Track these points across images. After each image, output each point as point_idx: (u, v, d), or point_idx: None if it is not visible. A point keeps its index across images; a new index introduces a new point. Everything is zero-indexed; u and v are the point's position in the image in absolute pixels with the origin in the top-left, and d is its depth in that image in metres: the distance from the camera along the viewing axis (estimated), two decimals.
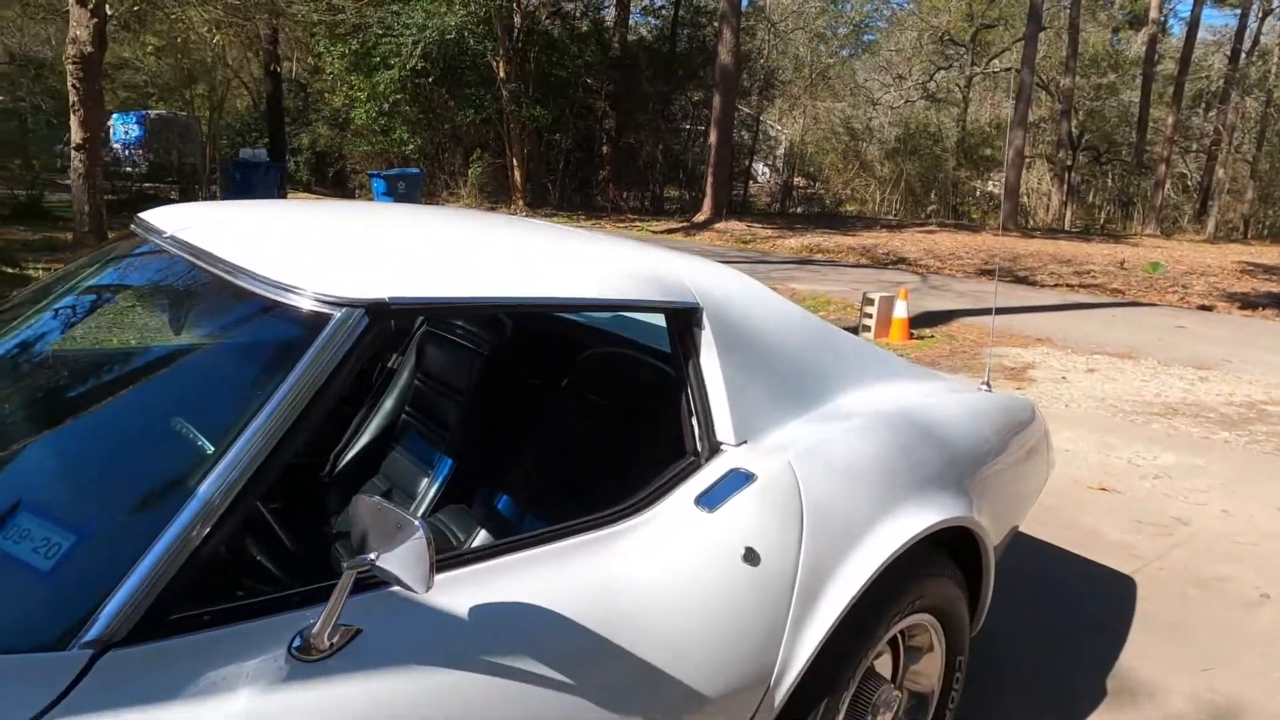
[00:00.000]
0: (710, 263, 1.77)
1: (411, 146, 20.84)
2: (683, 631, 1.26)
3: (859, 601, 1.45)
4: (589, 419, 1.83)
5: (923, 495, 1.61)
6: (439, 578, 1.09)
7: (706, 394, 1.46)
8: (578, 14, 22.75)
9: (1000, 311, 8.86)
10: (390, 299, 1.12)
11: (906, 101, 28.52)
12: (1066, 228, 24.01)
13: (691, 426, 1.46)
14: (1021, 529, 3.40)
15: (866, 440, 1.58)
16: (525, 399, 2.02)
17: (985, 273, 12.51)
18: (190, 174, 15.80)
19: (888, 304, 7.23)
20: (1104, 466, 4.23)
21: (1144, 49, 25.00)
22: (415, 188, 13.46)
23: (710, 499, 1.36)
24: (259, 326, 1.17)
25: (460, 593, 1.09)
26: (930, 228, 20.24)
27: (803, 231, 17.38)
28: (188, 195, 14.39)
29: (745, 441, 1.46)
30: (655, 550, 1.29)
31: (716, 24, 19.47)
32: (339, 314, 1.09)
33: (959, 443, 1.78)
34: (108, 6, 8.79)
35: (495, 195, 20.80)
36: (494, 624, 1.10)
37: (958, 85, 28.50)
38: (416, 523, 0.91)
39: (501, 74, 19.15)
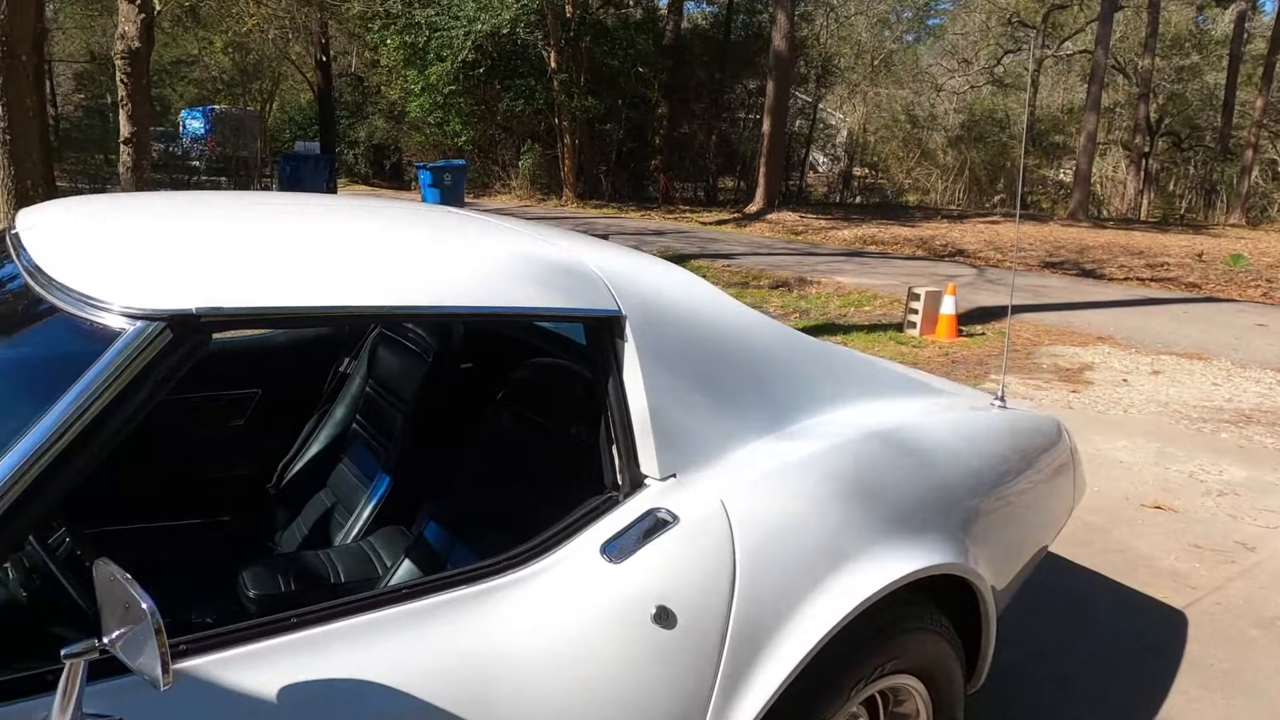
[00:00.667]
0: (646, 259, 1.53)
1: (465, 138, 20.93)
2: (568, 714, 1.04)
3: (809, 669, 1.21)
4: (521, 439, 1.62)
5: (898, 537, 1.36)
6: (248, 650, 0.90)
7: (629, 418, 1.24)
8: (631, 2, 22.52)
9: (1060, 307, 8.35)
10: (199, 309, 0.94)
11: (972, 87, 27.52)
12: (1142, 218, 22.84)
13: (611, 456, 1.24)
14: (1060, 552, 3.09)
15: (828, 470, 1.33)
16: (465, 412, 1.82)
17: (1049, 265, 11.89)
18: (248, 166, 16.13)
19: (934, 299, 6.85)
20: (1162, 481, 3.85)
21: (1232, 27, 23.55)
22: (460, 179, 13.43)
23: (618, 546, 1.14)
24: (57, 338, 1.00)
25: (269, 669, 0.90)
26: (994, 218, 19.44)
27: (858, 223, 16.85)
28: (241, 187, 14.66)
29: (673, 475, 1.24)
30: (542, 610, 1.07)
31: (771, 9, 18.99)
32: (134, 328, 0.91)
33: (950, 471, 1.52)
34: (156, 2, 8.90)
35: (547, 187, 20.77)
36: (314, 711, 0.91)
37: (1026, 69, 27.32)
38: (144, 605, 0.72)
39: (553, 64, 19.05)
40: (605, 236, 10.44)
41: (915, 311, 6.83)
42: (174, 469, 2.05)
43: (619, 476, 1.22)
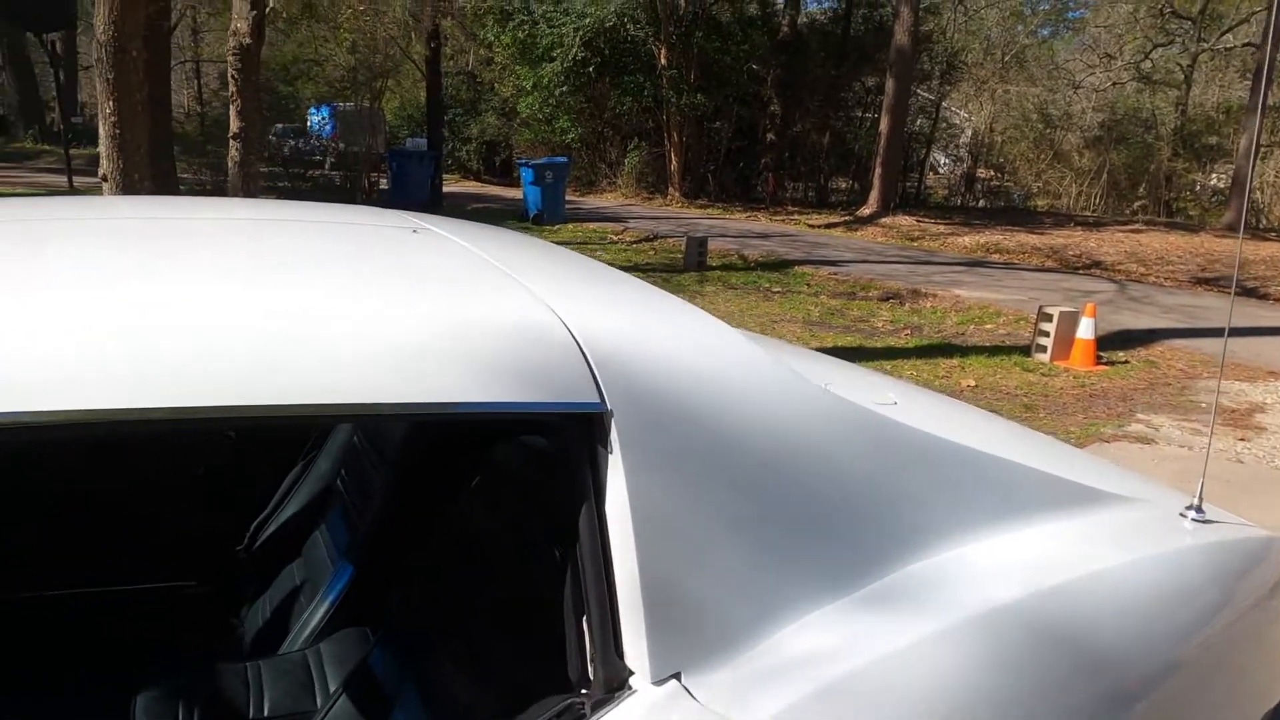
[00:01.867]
0: (662, 307, 1.09)
1: (573, 135, 20.85)
2: None
3: None
4: (493, 545, 1.19)
5: None
6: None
7: (608, 577, 0.78)
8: None
9: (1219, 333, 7.31)
10: None
11: (1114, 84, 25.45)
12: None
13: (579, 634, 0.79)
14: None
15: (937, 682, 0.84)
16: (443, 491, 1.40)
17: (1201, 281, 10.62)
18: (366, 162, 16.44)
19: (1069, 320, 6.05)
20: None
21: None
22: (562, 177, 13.21)
23: None
24: None
25: None
26: (1135, 226, 17.79)
27: (981, 228, 15.71)
28: (354, 183, 14.97)
29: (674, 676, 0.77)
30: None
31: (894, 3, 17.99)
32: None
33: (1133, 666, 0.98)
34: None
35: (653, 185, 20.41)
36: None
37: (1179, 64, 25.06)
38: None
39: (663, 61, 18.68)
40: (706, 239, 9.97)
41: (1046, 334, 6.05)
42: (130, 520, 1.72)
43: (589, 669, 0.77)
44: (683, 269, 9.47)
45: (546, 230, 12.22)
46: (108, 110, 6.76)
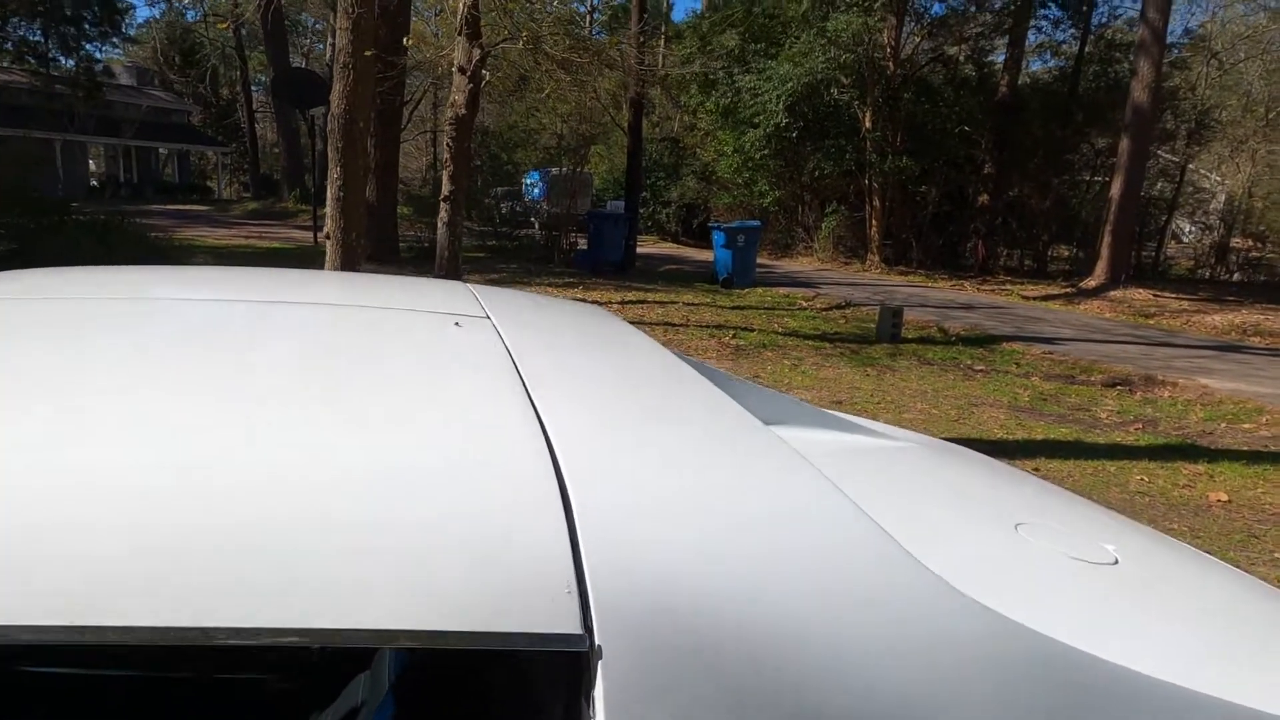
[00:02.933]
0: (744, 451, 0.83)
1: (770, 199, 20.75)
2: None
3: None
4: None
5: None
6: None
7: None
8: (963, 57, 20.95)
9: None
10: None
11: None
12: None
13: None
14: None
15: None
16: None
17: None
18: (566, 223, 17.20)
19: None
20: None
21: None
22: (754, 241, 13.01)
23: None
24: None
25: None
26: None
27: (1235, 306, 13.69)
28: (554, 243, 15.65)
29: None
30: None
31: (1133, 57, 16.43)
32: None
33: None
34: (485, 73, 9.65)
35: (851, 250, 19.78)
36: None
37: None
38: None
39: (867, 124, 18.20)
40: (901, 310, 9.36)
41: None
42: None
43: None
44: (874, 340, 8.89)
45: (735, 294, 12.04)
46: (335, 175, 7.40)
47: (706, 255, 15.65)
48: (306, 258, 11.95)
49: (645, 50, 14.79)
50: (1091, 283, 15.30)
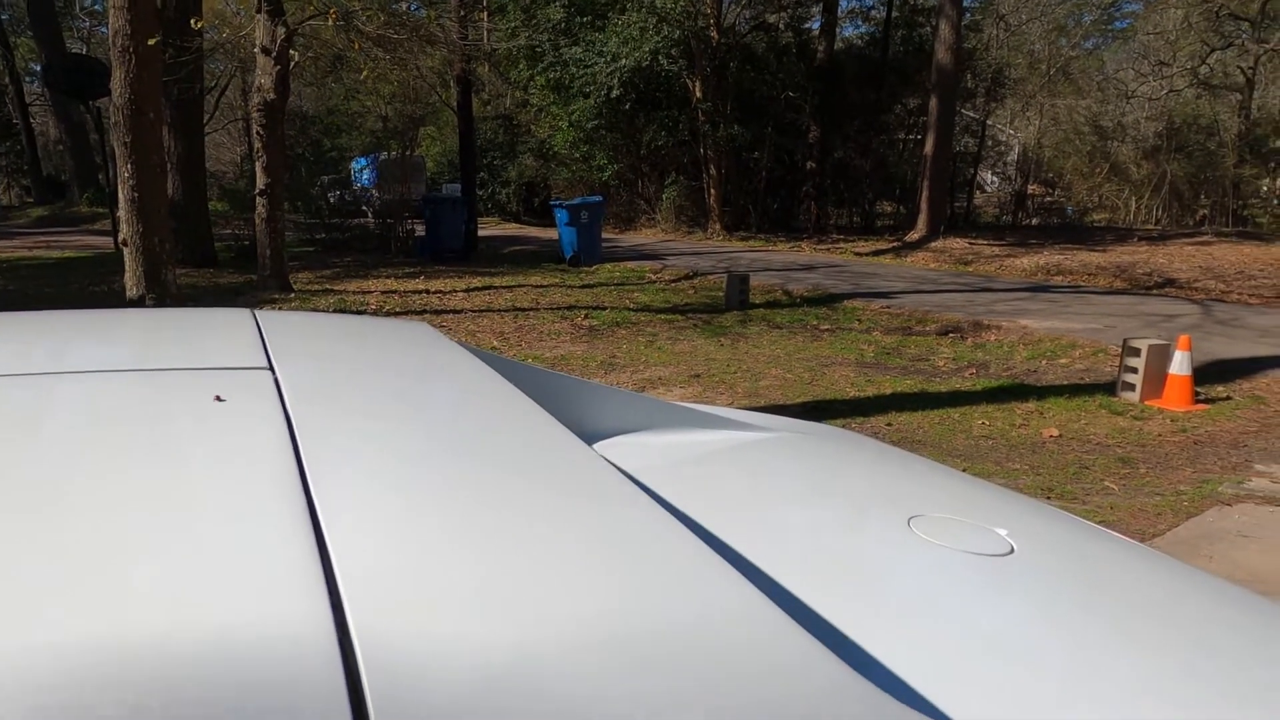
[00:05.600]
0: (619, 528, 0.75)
1: (609, 172, 20.69)
2: None
3: None
4: None
5: None
6: None
7: None
8: (782, 25, 21.58)
9: None
10: None
11: (1170, 91, 24.44)
12: None
13: None
14: None
15: None
16: None
17: None
18: (400, 210, 16.38)
19: (1159, 354, 5.40)
20: None
21: None
22: (598, 216, 12.88)
23: None
24: None
25: None
26: (1204, 238, 16.82)
27: (1038, 248, 14.95)
28: (389, 231, 14.86)
29: None
30: None
31: (934, 21, 17.50)
32: None
33: None
34: (293, 55, 8.90)
35: (693, 219, 20.08)
36: None
37: (1240, 67, 23.98)
38: None
39: (698, 94, 18.43)
40: (748, 275, 9.48)
41: (1134, 370, 5.41)
42: None
43: None
44: (724, 308, 9.00)
45: (584, 272, 11.89)
46: (126, 174, 6.59)
47: (551, 234, 15.39)
48: (105, 266, 10.70)
49: (467, 24, 14.23)
50: (914, 235, 16.27)
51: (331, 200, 17.17)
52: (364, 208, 18.44)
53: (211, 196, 14.51)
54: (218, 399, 0.94)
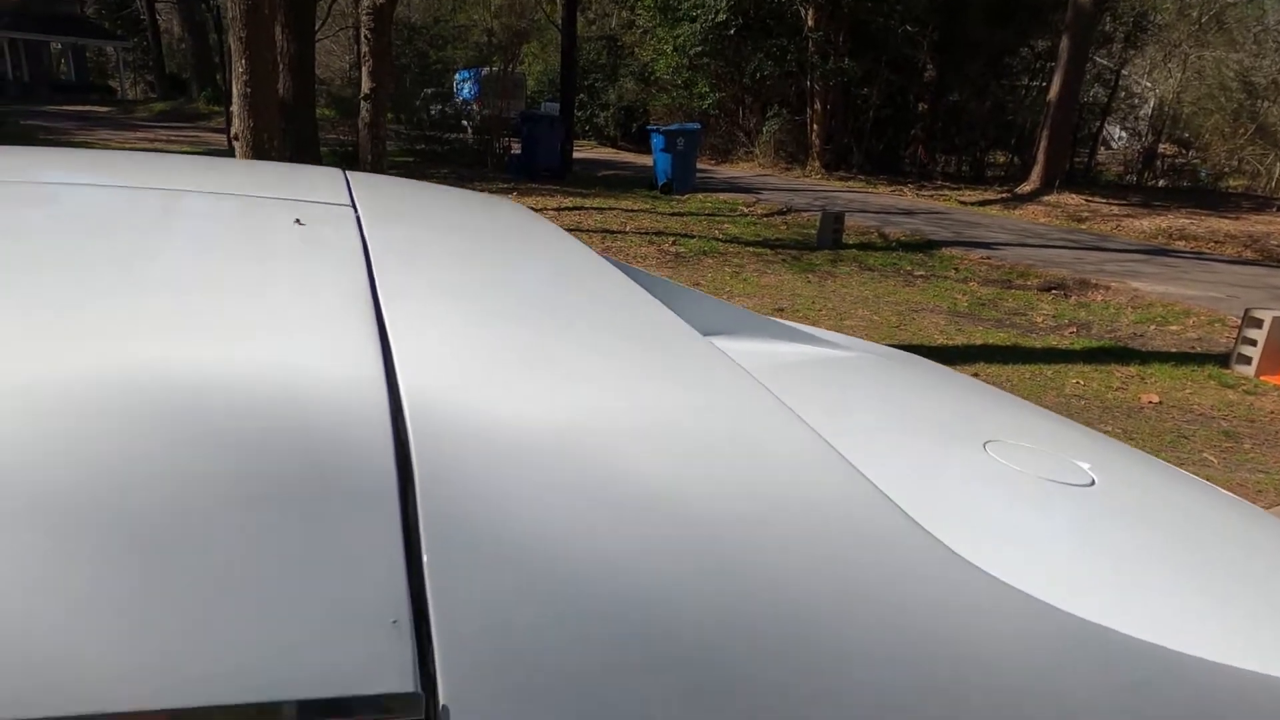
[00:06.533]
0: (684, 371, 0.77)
1: (710, 101, 20.19)
2: None
3: None
4: None
5: None
6: None
7: None
8: None
9: None
10: None
11: None
12: None
13: None
14: None
15: None
16: None
17: None
18: (498, 126, 16.44)
19: None
20: None
21: None
22: (694, 144, 12.62)
23: None
24: None
25: None
26: None
27: (1163, 211, 13.96)
28: (487, 147, 14.96)
29: None
30: None
31: None
32: None
33: None
34: None
35: (792, 155, 19.48)
36: None
37: None
38: None
39: (809, 23, 17.65)
40: (843, 214, 9.20)
41: (1252, 342, 5.05)
42: None
43: None
44: (815, 246, 8.77)
45: (675, 200, 11.74)
46: (240, 69, 6.76)
47: (645, 160, 15.20)
48: None
49: None
50: (1027, 188, 15.41)
51: (433, 113, 17.34)
52: (464, 122, 18.55)
53: (319, 102, 14.84)
54: (298, 222, 0.97)
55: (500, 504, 0.49)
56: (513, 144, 15.43)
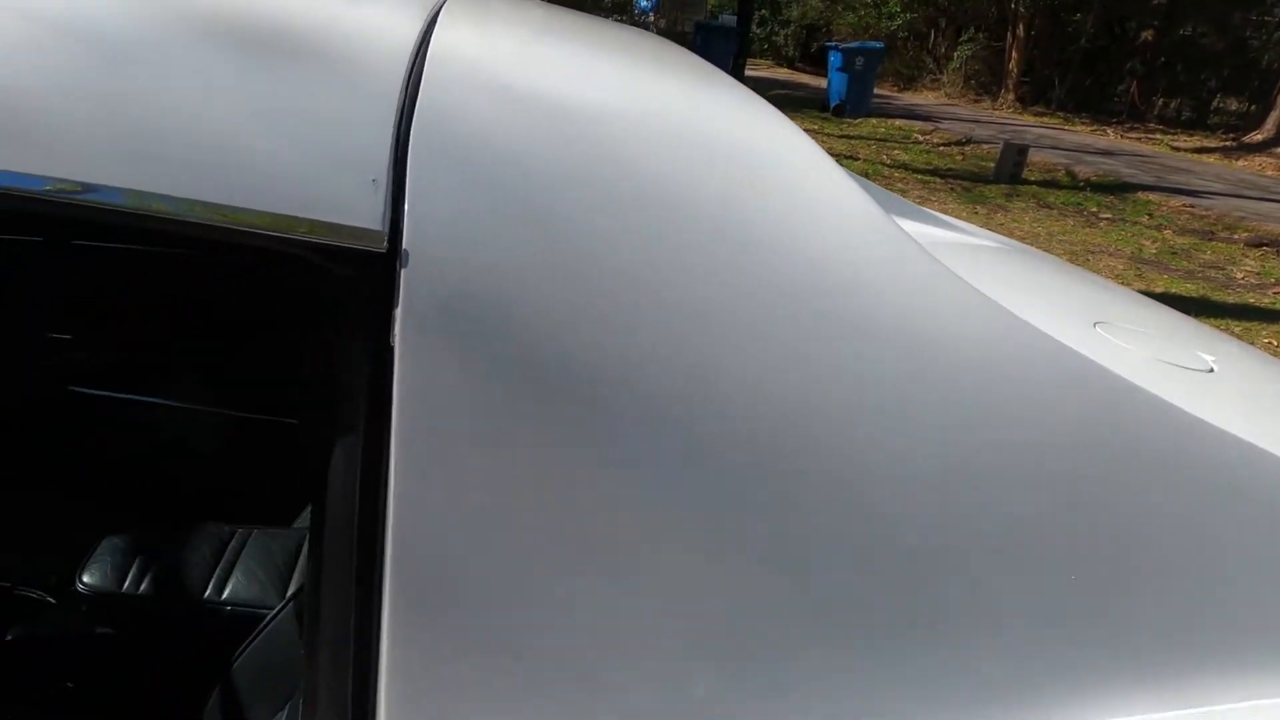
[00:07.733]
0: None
1: (900, 21, 18.95)
2: None
3: None
4: None
5: None
6: None
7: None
8: None
9: None
10: None
11: None
12: None
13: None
14: None
15: None
16: None
17: None
18: (671, 36, 16.19)
19: None
20: None
21: None
22: (874, 65, 11.91)
23: None
24: None
25: None
26: None
27: None
28: None
29: None
30: None
31: None
32: None
33: None
34: None
35: (983, 85, 18.02)
36: None
37: None
38: None
39: None
40: (1027, 148, 8.51)
41: None
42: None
43: None
44: (991, 179, 8.17)
45: (846, 123, 11.22)
46: None
47: (821, 83, 14.55)
48: None
49: None
50: (1258, 136, 13.58)
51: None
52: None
53: None
54: None
55: (486, 121, 0.53)
56: None
